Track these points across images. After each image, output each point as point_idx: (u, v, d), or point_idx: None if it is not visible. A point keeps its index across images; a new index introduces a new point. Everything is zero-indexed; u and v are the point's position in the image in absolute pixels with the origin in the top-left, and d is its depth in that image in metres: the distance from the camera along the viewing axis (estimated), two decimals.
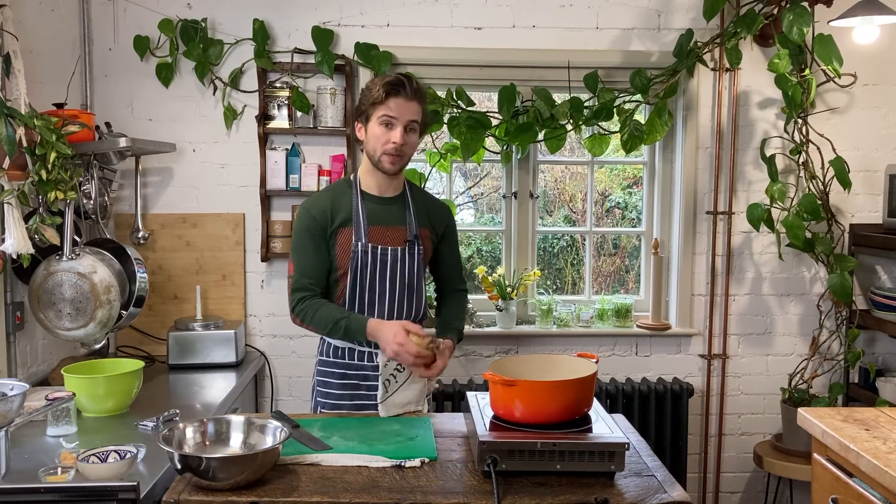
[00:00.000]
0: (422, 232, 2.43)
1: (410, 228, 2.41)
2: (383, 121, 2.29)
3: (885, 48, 3.46)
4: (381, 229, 2.38)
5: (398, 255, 2.38)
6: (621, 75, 3.41)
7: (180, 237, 3.40)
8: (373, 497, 1.69)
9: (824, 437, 2.08)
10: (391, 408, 2.30)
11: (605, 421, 1.90)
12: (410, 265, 2.40)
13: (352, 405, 2.40)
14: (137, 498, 1.79)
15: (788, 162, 3.46)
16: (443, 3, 3.39)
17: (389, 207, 2.41)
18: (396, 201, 2.42)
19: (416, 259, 2.40)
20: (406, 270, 2.39)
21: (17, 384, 1.93)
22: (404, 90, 2.29)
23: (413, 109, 2.31)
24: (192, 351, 3.10)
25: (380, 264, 2.36)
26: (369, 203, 2.39)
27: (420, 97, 2.34)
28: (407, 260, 2.39)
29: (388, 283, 2.38)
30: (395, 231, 2.39)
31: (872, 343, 3.60)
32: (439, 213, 2.51)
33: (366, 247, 2.35)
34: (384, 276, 2.37)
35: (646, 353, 3.59)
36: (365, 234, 2.35)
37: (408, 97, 2.29)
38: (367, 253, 2.35)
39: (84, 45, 3.28)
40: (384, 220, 2.39)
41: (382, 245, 2.36)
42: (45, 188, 2.46)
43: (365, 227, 2.36)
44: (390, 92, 2.28)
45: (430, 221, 2.47)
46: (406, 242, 2.39)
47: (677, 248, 3.55)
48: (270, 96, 3.31)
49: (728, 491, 3.67)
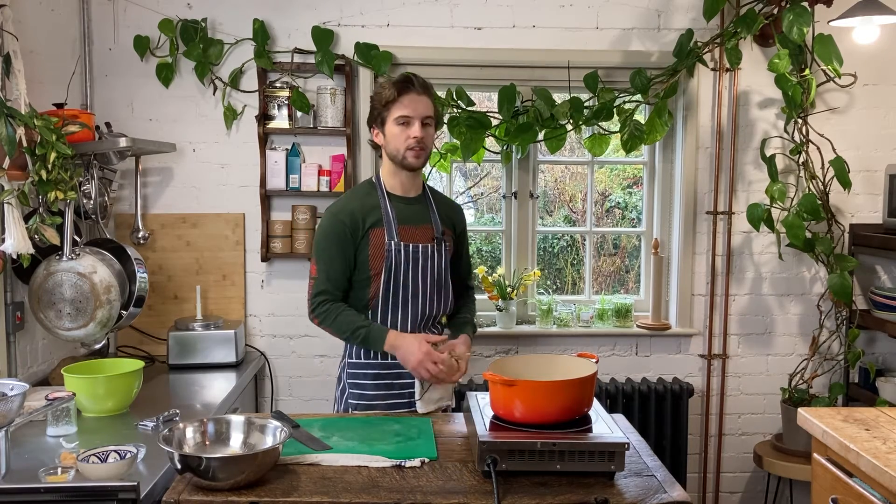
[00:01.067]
0: (445, 230, 2.50)
1: (436, 226, 2.48)
2: (400, 120, 2.35)
3: (885, 48, 3.46)
4: (410, 228, 2.43)
5: (429, 251, 2.43)
6: (621, 75, 3.41)
7: (180, 237, 3.40)
8: (373, 497, 1.69)
9: (824, 437, 2.08)
10: (428, 404, 2.37)
11: (605, 421, 1.90)
12: (440, 262, 2.46)
13: (385, 405, 2.42)
14: (137, 498, 1.79)
15: (788, 162, 3.46)
16: (443, 3, 3.39)
17: (415, 207, 2.47)
18: (420, 201, 2.49)
19: (445, 256, 2.47)
20: (436, 267, 2.45)
21: (17, 384, 1.93)
22: (414, 86, 2.36)
23: (425, 103, 2.38)
24: (192, 351, 3.10)
25: (412, 262, 2.41)
26: (396, 203, 2.44)
27: (429, 91, 2.40)
28: (437, 257, 2.45)
29: (421, 281, 2.43)
30: (423, 229, 2.45)
31: (872, 343, 3.60)
32: (456, 214, 2.61)
33: (398, 245, 2.39)
34: (416, 274, 2.42)
35: (646, 353, 3.59)
36: (396, 233, 2.40)
37: (419, 92, 2.36)
38: (401, 251, 2.39)
39: (84, 45, 3.28)
40: (412, 220, 2.44)
41: (413, 243, 2.41)
42: (45, 188, 2.46)
43: (395, 226, 2.41)
44: (402, 90, 2.34)
45: (450, 221, 2.55)
46: (434, 240, 2.46)
47: (677, 248, 3.55)
48: (270, 96, 3.31)
49: (728, 491, 3.67)
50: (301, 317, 3.45)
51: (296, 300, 3.45)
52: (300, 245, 3.35)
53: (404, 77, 2.38)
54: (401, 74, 2.42)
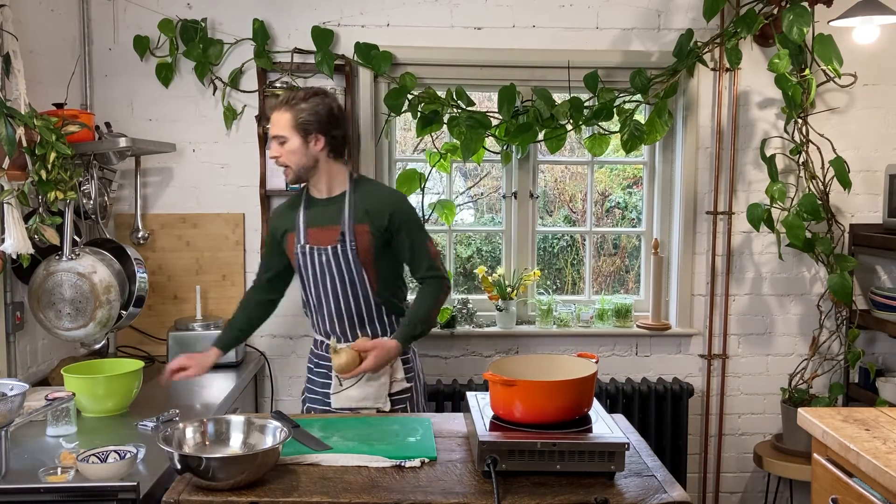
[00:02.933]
0: (358, 228, 2.47)
1: (342, 226, 2.48)
2: None
3: (885, 48, 3.46)
4: (318, 230, 2.51)
5: (329, 253, 2.48)
6: (621, 75, 3.41)
7: (180, 237, 3.40)
8: (373, 497, 1.69)
9: (824, 437, 2.08)
10: (344, 401, 2.48)
11: (605, 421, 1.90)
12: (345, 262, 2.47)
13: (323, 393, 2.56)
14: (137, 498, 1.79)
15: (788, 162, 3.46)
16: (443, 3, 3.39)
17: (328, 208, 2.52)
18: (335, 202, 2.52)
19: (351, 256, 2.46)
20: (342, 268, 2.48)
21: (17, 384, 1.93)
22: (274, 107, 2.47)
23: (275, 121, 2.45)
24: (192, 351, 3.08)
25: (317, 264, 2.50)
26: (312, 207, 2.54)
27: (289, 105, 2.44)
28: (340, 257, 2.47)
29: (329, 282, 2.51)
30: (329, 231, 2.49)
31: (872, 343, 3.60)
32: (381, 206, 2.50)
33: (304, 248, 2.52)
34: (324, 275, 2.51)
35: (646, 353, 3.59)
36: (304, 237, 2.52)
37: (277, 110, 2.45)
38: (305, 254, 2.52)
39: (84, 45, 3.28)
40: (321, 222, 2.51)
41: (318, 246, 2.49)
42: (44, 188, 2.46)
43: (304, 230, 2.52)
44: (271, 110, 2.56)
45: (369, 216, 2.48)
46: (337, 241, 2.47)
47: (677, 248, 3.55)
48: (270, 96, 3.31)
49: (728, 491, 3.67)
50: (301, 317, 3.45)
51: (295, 300, 3.43)
52: None
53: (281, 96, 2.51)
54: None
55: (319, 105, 2.45)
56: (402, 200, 2.58)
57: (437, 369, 3.53)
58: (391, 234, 2.50)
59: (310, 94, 2.45)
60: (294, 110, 2.43)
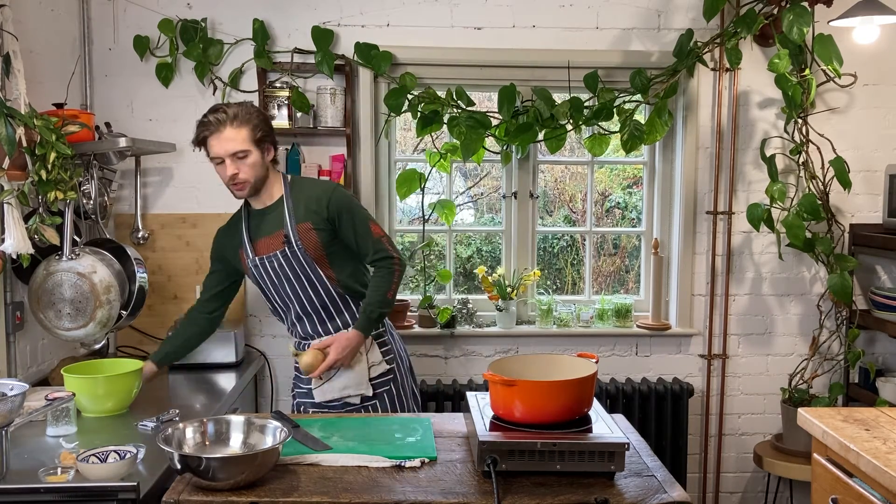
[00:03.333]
0: (300, 227, 2.48)
1: (286, 227, 2.49)
2: (215, 161, 2.44)
3: (885, 48, 3.46)
4: (265, 240, 2.52)
5: (280, 258, 2.48)
6: (621, 75, 3.41)
7: (180, 237, 3.40)
8: (373, 497, 1.69)
9: (824, 437, 2.08)
10: (327, 393, 2.53)
11: (605, 421, 1.90)
12: (297, 263, 2.48)
13: (309, 388, 2.59)
14: (137, 498, 1.79)
15: (788, 162, 3.46)
16: (443, 3, 3.39)
17: (269, 216, 2.53)
18: (275, 208, 2.53)
19: (300, 256, 2.47)
20: (295, 269, 2.49)
21: (17, 384, 1.93)
22: (213, 126, 2.39)
23: (229, 139, 2.38)
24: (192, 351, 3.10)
25: (271, 272, 2.51)
26: (253, 219, 2.56)
27: (238, 120, 2.39)
28: (291, 259, 2.48)
29: (286, 286, 2.52)
30: (275, 237, 2.50)
31: (872, 343, 3.60)
32: (316, 200, 2.50)
33: (254, 261, 2.52)
34: (281, 281, 2.51)
35: (646, 353, 3.59)
36: (252, 250, 2.53)
37: (220, 130, 2.38)
38: (258, 266, 2.52)
39: (84, 45, 3.28)
40: (265, 231, 2.52)
41: (267, 254, 2.50)
42: (44, 188, 2.46)
43: (250, 243, 2.54)
44: (202, 136, 2.41)
45: (307, 214, 2.49)
46: (284, 244, 2.48)
47: (677, 248, 3.55)
48: (270, 96, 3.31)
49: (728, 491, 3.67)
50: None
51: None
52: None
53: (203, 119, 2.40)
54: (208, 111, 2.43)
55: (262, 116, 2.47)
56: (334, 188, 2.56)
57: (437, 369, 3.54)
58: (333, 224, 2.50)
59: (250, 107, 2.46)
60: (249, 124, 2.41)
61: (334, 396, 2.54)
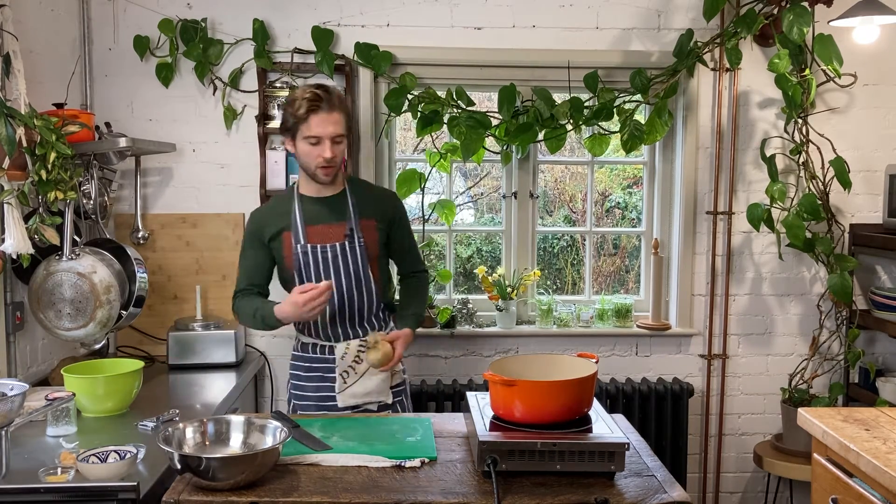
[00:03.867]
0: (364, 223, 2.49)
1: (349, 222, 2.48)
2: (310, 140, 2.38)
3: (885, 48, 3.46)
4: (321, 228, 2.48)
5: (338, 250, 2.46)
6: (621, 75, 3.41)
7: (180, 237, 3.40)
8: (373, 497, 1.69)
9: (824, 437, 2.08)
10: (349, 398, 2.47)
11: (605, 421, 1.90)
12: (353, 258, 2.47)
13: (317, 396, 2.53)
14: (137, 498, 1.79)
15: (788, 162, 3.46)
16: (443, 3, 3.39)
17: (328, 206, 2.50)
18: (335, 199, 2.51)
19: (359, 251, 2.47)
20: (350, 264, 2.47)
21: (17, 384, 1.93)
22: (324, 104, 2.35)
23: (336, 121, 2.37)
24: (192, 351, 3.10)
25: (322, 262, 2.46)
26: (308, 205, 2.50)
27: (340, 106, 2.39)
28: (349, 254, 2.46)
29: (334, 279, 2.47)
30: (335, 228, 2.48)
31: (872, 343, 3.60)
32: (385, 203, 2.58)
33: (305, 247, 2.46)
34: (328, 273, 2.47)
35: (646, 353, 3.59)
36: (304, 236, 2.47)
37: (329, 111, 2.36)
38: (308, 253, 2.46)
39: (84, 45, 3.28)
40: (323, 219, 2.49)
41: (322, 244, 2.46)
42: (45, 188, 2.46)
43: (303, 228, 2.48)
44: (311, 110, 2.34)
45: (374, 212, 2.53)
46: (345, 237, 2.47)
47: (677, 248, 3.55)
48: (270, 96, 3.31)
49: (728, 491, 3.67)
50: None
51: None
52: None
53: (314, 95, 2.35)
54: (312, 89, 2.37)
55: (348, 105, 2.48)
56: (398, 198, 2.69)
57: (437, 369, 3.54)
58: (390, 228, 2.55)
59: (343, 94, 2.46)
60: (345, 110, 2.41)
61: (357, 402, 2.49)
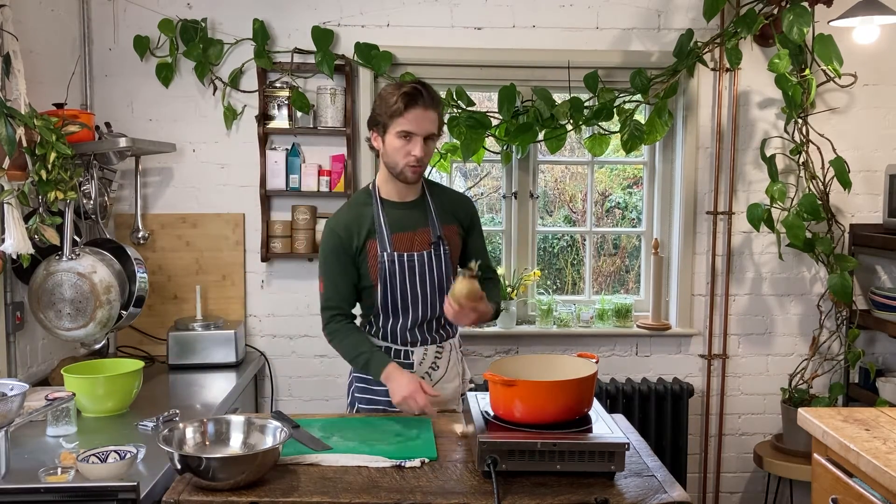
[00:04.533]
0: (447, 230, 2.41)
1: (434, 230, 2.39)
2: (402, 134, 2.25)
3: (885, 48, 3.46)
4: (407, 235, 2.37)
5: (425, 259, 2.36)
6: (621, 75, 3.41)
7: (180, 237, 3.40)
8: (373, 497, 1.69)
9: (824, 437, 2.08)
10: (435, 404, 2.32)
11: (605, 421, 1.90)
12: (438, 266, 2.38)
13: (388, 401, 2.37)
14: (137, 498, 1.79)
15: (788, 162, 3.46)
16: (443, 3, 3.39)
17: (411, 212, 2.39)
18: (417, 205, 2.40)
19: (444, 259, 2.39)
20: (435, 272, 2.38)
21: (17, 384, 1.93)
22: (422, 100, 2.24)
23: (431, 119, 2.27)
24: (192, 351, 3.10)
25: (408, 271, 2.35)
26: (390, 210, 2.38)
27: (436, 105, 2.30)
28: (434, 262, 2.37)
29: (420, 288, 2.37)
30: (420, 235, 2.38)
31: (872, 343, 3.60)
32: (463, 207, 2.50)
33: (392, 256, 2.34)
34: (414, 282, 2.36)
35: (646, 353, 3.59)
36: (390, 244, 2.34)
37: (426, 107, 2.25)
38: (394, 262, 2.34)
39: (84, 45, 3.28)
40: (408, 226, 2.37)
41: (409, 252, 2.35)
42: (45, 188, 2.46)
43: (389, 236, 2.35)
44: (409, 104, 2.23)
45: (455, 217, 2.45)
46: (431, 245, 2.38)
47: (677, 248, 3.55)
48: (270, 96, 3.31)
49: (728, 491, 3.67)
50: (301, 317, 3.46)
51: (295, 300, 3.45)
52: (300, 245, 3.35)
53: (414, 89, 2.25)
54: (412, 84, 2.27)
55: None
56: (471, 200, 2.57)
57: None
58: (468, 232, 2.48)
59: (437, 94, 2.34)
60: (439, 109, 2.31)
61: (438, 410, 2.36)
